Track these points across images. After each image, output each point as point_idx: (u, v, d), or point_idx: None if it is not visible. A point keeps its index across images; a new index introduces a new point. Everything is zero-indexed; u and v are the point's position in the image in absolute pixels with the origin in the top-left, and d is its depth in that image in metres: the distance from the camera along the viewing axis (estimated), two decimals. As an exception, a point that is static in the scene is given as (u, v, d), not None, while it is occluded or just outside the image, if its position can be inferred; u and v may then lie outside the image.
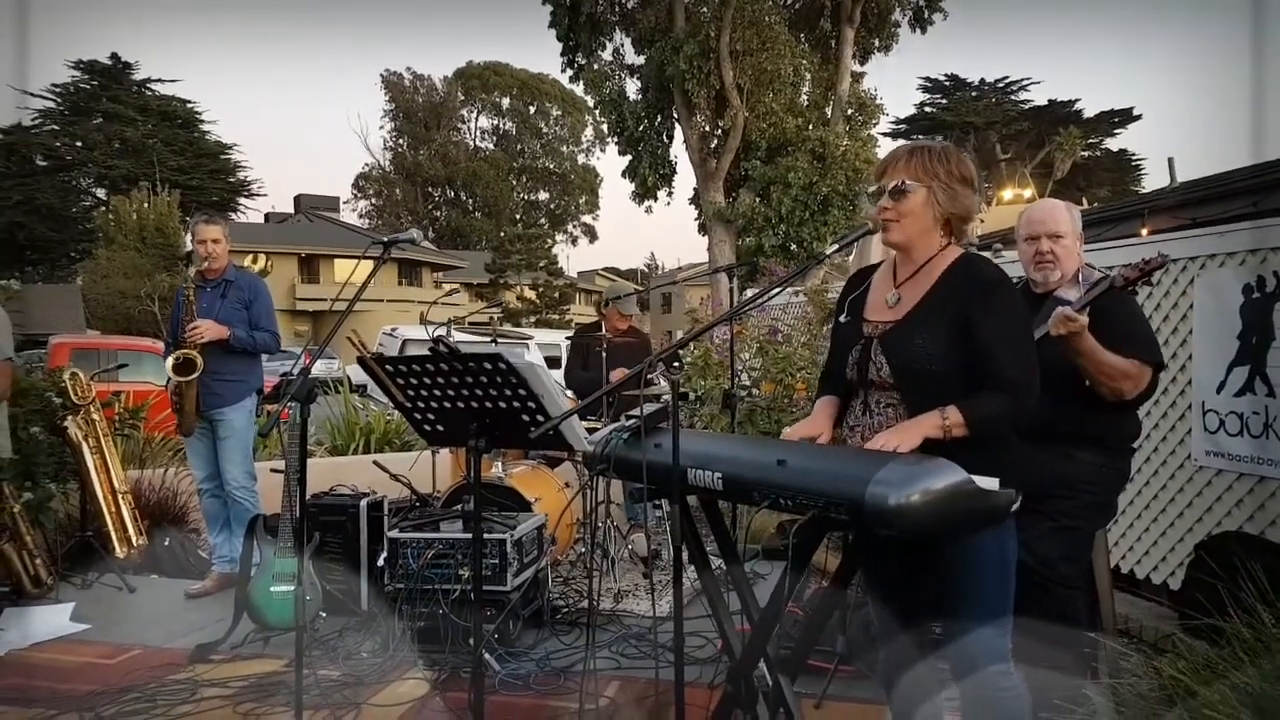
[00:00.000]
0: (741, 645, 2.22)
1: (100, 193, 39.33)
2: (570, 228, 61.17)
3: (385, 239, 2.73)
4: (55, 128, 39.15)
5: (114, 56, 39.41)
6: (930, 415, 1.91)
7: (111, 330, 22.77)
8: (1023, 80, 35.84)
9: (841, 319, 2.24)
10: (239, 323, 4.56)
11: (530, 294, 40.31)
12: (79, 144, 38.97)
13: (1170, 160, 9.60)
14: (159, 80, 40.50)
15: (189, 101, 40.88)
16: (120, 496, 5.05)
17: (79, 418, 5.00)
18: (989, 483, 1.75)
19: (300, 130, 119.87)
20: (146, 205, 29.50)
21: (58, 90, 38.86)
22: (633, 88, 22.73)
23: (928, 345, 1.99)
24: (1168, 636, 3.30)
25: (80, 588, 4.66)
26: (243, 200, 41.34)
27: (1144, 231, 6.47)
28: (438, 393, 2.47)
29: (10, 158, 36.91)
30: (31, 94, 38.29)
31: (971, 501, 1.72)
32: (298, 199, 48.80)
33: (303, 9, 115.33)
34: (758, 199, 20.17)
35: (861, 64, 22.61)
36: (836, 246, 2.13)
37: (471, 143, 60.33)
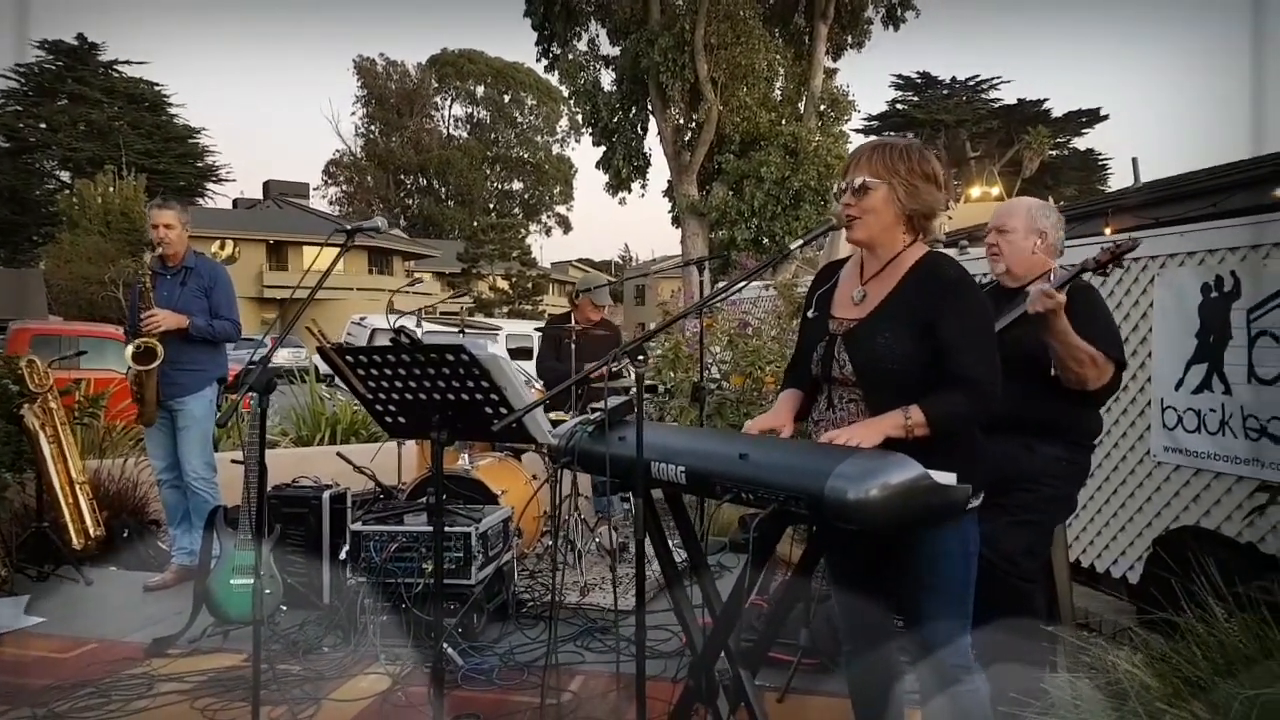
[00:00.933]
0: (704, 639, 2.21)
1: (64, 175, 38.51)
2: (544, 218, 60.90)
3: (349, 226, 2.69)
4: (18, 108, 38.22)
5: (80, 37, 38.52)
6: (893, 414, 1.92)
7: (75, 316, 22.35)
8: (993, 79, 36.23)
9: (809, 314, 2.24)
10: (199, 311, 4.47)
11: (503, 284, 40.11)
12: (43, 125, 38.11)
13: (1134, 160, 9.76)
14: (126, 62, 39.67)
15: (157, 84, 40.11)
16: (78, 487, 4.94)
17: (36, 406, 4.88)
18: (946, 477, 1.76)
19: (270, 115, 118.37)
20: (112, 189, 28.95)
21: (21, 70, 37.94)
22: (607, 79, 22.72)
23: (890, 344, 1.99)
24: (1125, 630, 3.35)
25: (36, 580, 4.57)
26: (211, 185, 40.75)
27: (1108, 230, 6.56)
28: (399, 384, 2.44)
29: (-30, 139, 36.07)
30: (-7, 74, 37.42)
31: (929, 496, 1.73)
32: (267, 185, 48.14)
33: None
34: (730, 192, 20.22)
35: (834, 60, 22.75)
36: (802, 241, 2.13)
37: (445, 130, 59.82)
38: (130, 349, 4.31)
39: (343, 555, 3.79)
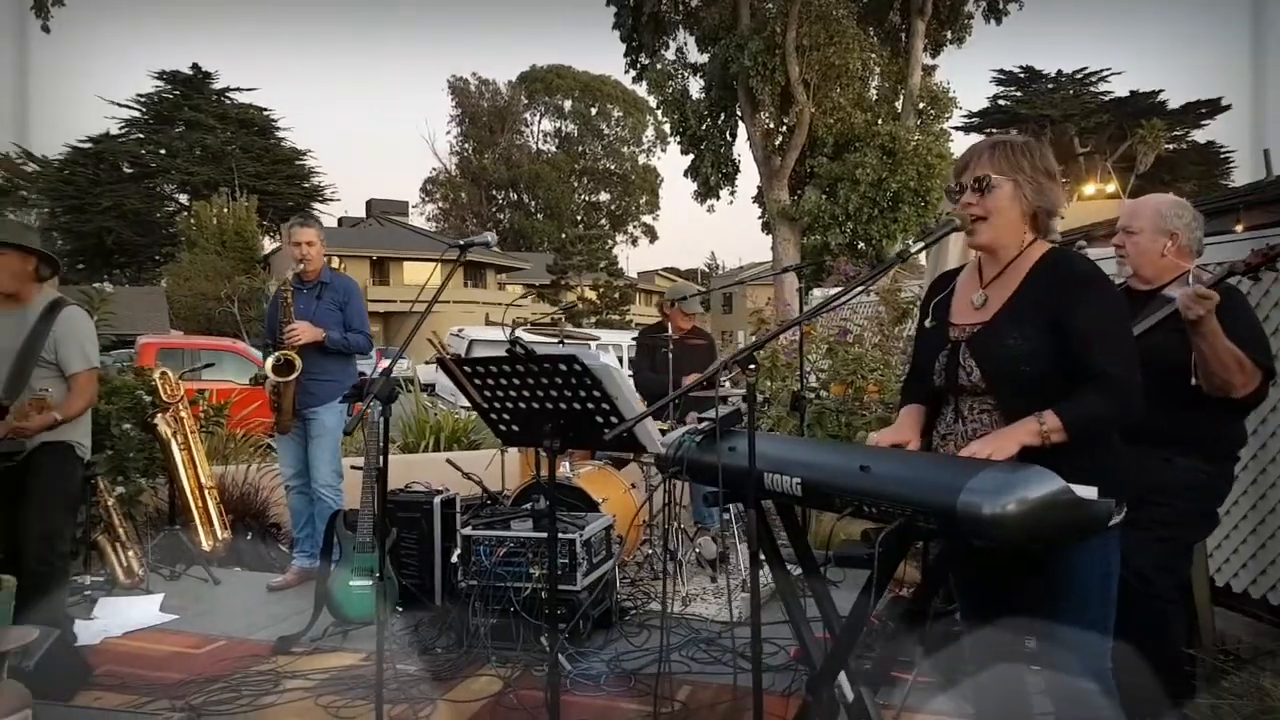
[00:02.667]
0: (821, 654, 2.17)
1: (183, 198, 40.94)
2: (630, 228, 61.43)
3: (461, 242, 2.76)
4: (141, 136, 40.87)
5: (195, 66, 40.98)
6: (1026, 421, 1.83)
7: (193, 330, 23.72)
8: (1102, 71, 34.80)
9: (926, 324, 2.17)
10: (334, 324, 4.62)
11: (591, 294, 40.57)
12: (163, 151, 40.62)
13: (1266, 152, 9.16)
14: (237, 89, 41.98)
15: (265, 109, 42.31)
16: (207, 492, 5.23)
17: (168, 415, 5.19)
18: (1088, 491, 1.67)
19: (371, 136, 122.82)
20: (226, 210, 30.63)
21: (143, 100, 40.54)
22: (695, 86, 22.72)
23: (1020, 345, 1.91)
24: (1269, 653, 3.13)
25: (169, 579, 4.82)
26: (317, 205, 42.54)
27: (1239, 227, 6.17)
28: (513, 393, 2.49)
29: (99, 165, 38.68)
30: (118, 104, 40.10)
31: (1069, 511, 1.64)
32: (369, 203, 49.93)
33: (372, 19, 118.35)
34: (824, 196, 19.93)
35: (933, 57, 22.19)
36: (922, 245, 2.05)
37: (534, 145, 61.08)
38: (270, 361, 4.49)
39: (454, 559, 3.88)
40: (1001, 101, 35.64)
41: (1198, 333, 2.39)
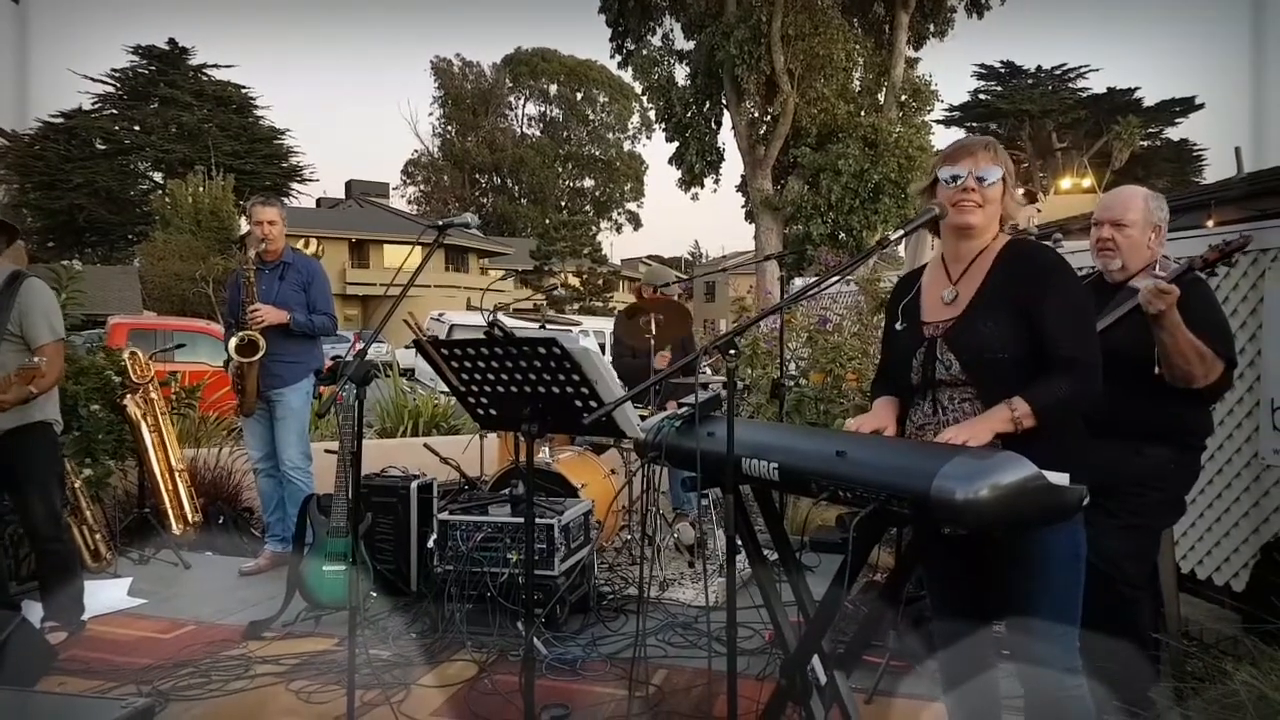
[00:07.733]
0: (795, 638, 2.19)
1: (157, 176, 40.18)
2: (615, 215, 61.26)
3: (440, 222, 2.73)
4: (114, 112, 40.04)
5: (171, 42, 40.15)
6: (998, 409, 1.89)
7: (167, 311, 23.36)
8: (1081, 68, 35.02)
9: (896, 326, 2.21)
10: (297, 305, 4.59)
11: (574, 281, 40.46)
12: (137, 128, 39.85)
13: (1237, 150, 9.31)
14: (214, 66, 41.15)
15: (244, 87, 41.54)
16: (177, 474, 5.16)
17: (138, 396, 5.12)
18: (1059, 478, 1.69)
19: (351, 117, 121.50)
20: (202, 189, 30.16)
21: (117, 75, 39.73)
22: (681, 74, 22.67)
23: (995, 333, 1.96)
24: (1231, 639, 3.19)
25: (138, 563, 4.78)
26: (295, 185, 41.98)
27: (1210, 222, 6.26)
28: (491, 377, 2.47)
29: (71, 141, 37.86)
30: (91, 78, 39.34)
31: (1041, 497, 1.66)
32: (349, 185, 49.45)
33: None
34: (806, 186, 19.98)
35: (916, 49, 22.26)
36: (902, 233, 2.08)
37: (519, 129, 60.67)
38: (234, 342, 4.44)
39: (430, 544, 3.86)
40: (982, 96, 35.81)
41: (1159, 326, 2.42)
